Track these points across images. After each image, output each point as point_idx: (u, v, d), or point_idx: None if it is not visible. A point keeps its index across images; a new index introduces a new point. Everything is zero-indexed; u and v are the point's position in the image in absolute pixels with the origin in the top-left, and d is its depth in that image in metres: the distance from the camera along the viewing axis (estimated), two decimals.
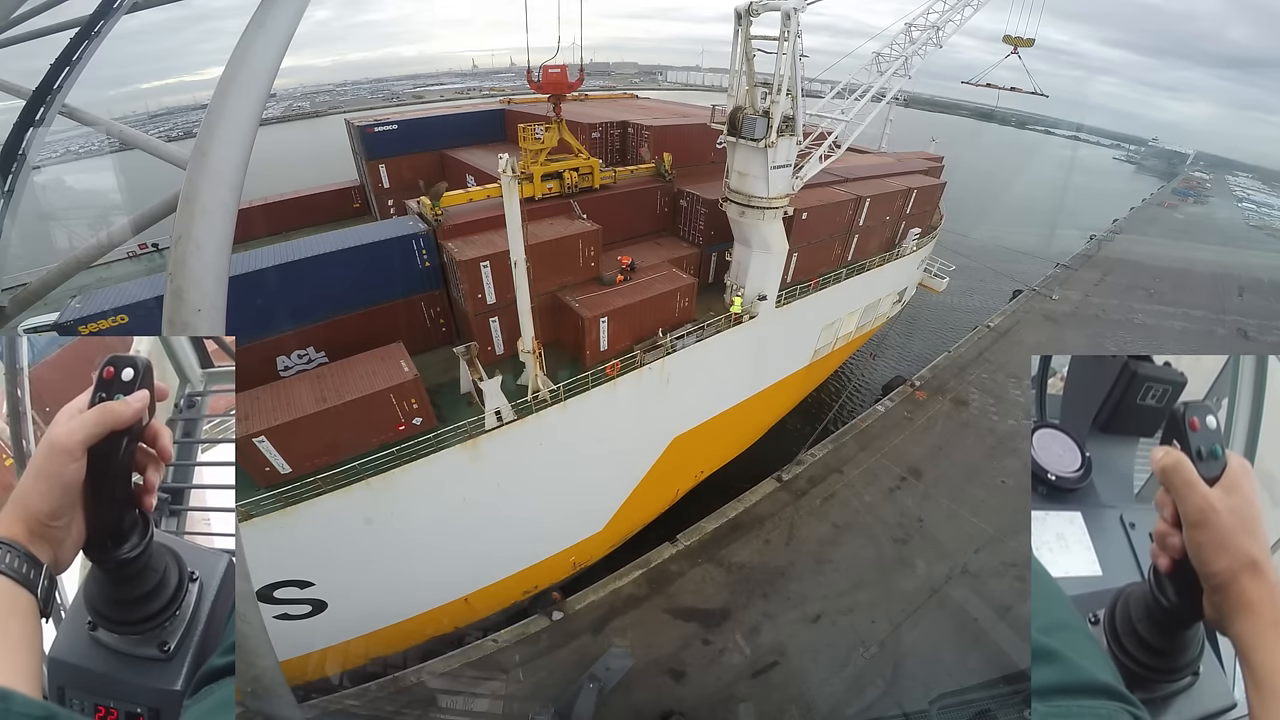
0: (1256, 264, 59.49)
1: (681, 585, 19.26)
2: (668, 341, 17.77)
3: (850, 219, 23.12)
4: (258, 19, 3.68)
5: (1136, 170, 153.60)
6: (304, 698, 15.10)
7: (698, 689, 16.13)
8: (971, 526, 21.66)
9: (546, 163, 18.57)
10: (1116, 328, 40.29)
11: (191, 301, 3.36)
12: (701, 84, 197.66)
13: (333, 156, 35.13)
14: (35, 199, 5.39)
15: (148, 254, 21.17)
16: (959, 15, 19.63)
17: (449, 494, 15.07)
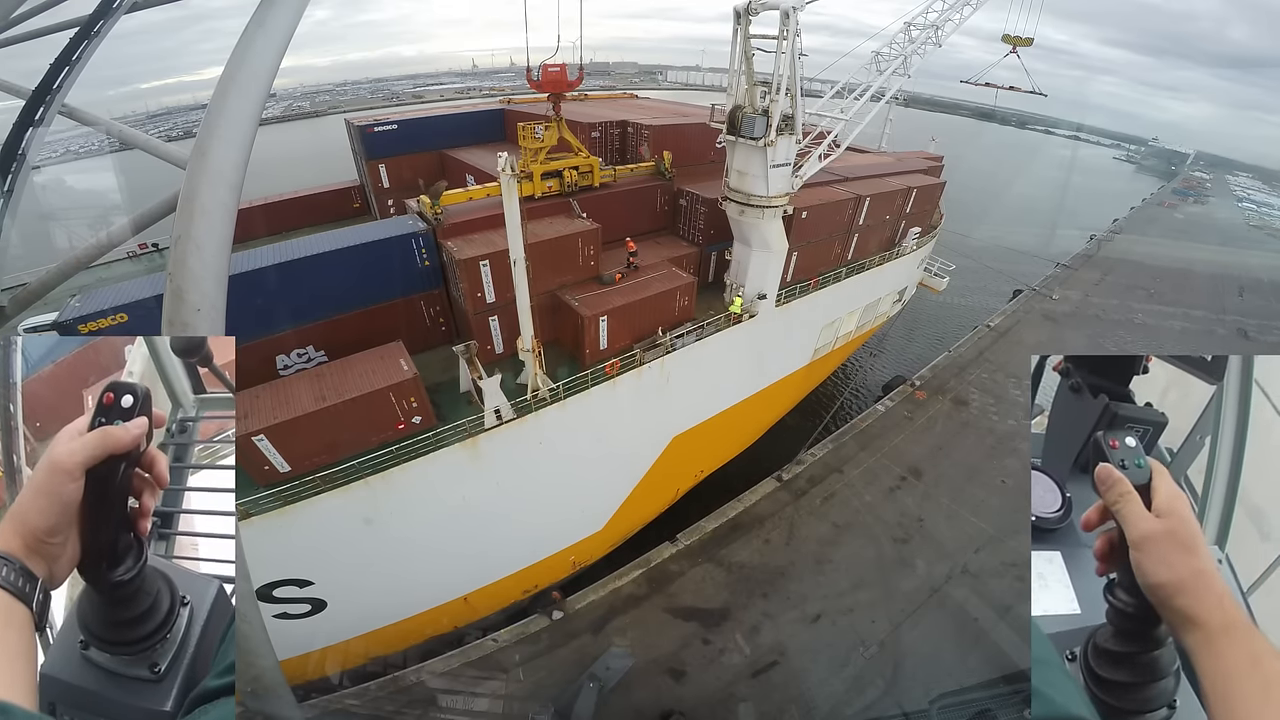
0: (1256, 264, 59.43)
1: (681, 585, 19.26)
2: (667, 340, 17.77)
3: (850, 218, 23.11)
4: (257, 18, 3.68)
5: (1136, 170, 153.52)
6: (304, 697, 15.10)
7: (698, 689, 16.13)
8: (971, 526, 21.66)
9: (546, 161, 18.55)
10: (1116, 327, 40.27)
11: (191, 301, 3.35)
12: (701, 83, 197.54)
13: (333, 156, 35.14)
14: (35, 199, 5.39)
15: (147, 254, 21.18)
16: (958, 14, 19.64)
17: (448, 493, 15.07)
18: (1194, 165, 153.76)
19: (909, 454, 25.40)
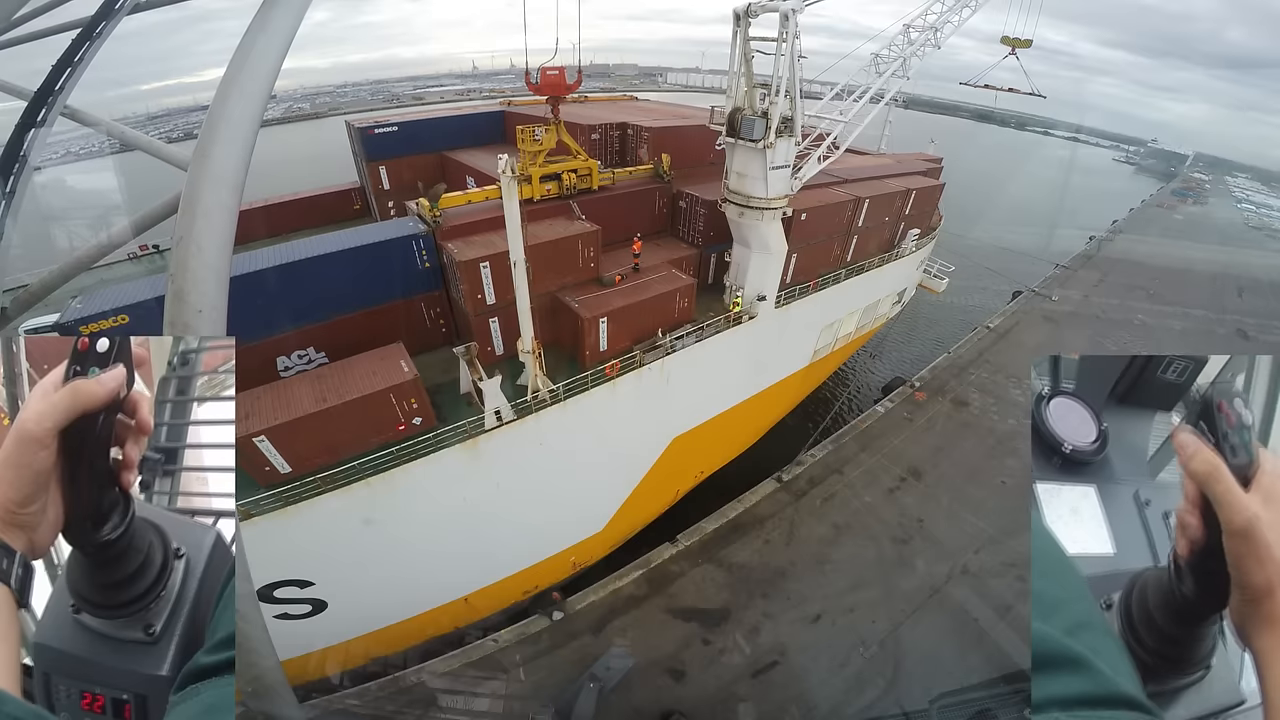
0: (1256, 264, 59.43)
1: (682, 585, 19.26)
2: (667, 342, 17.79)
3: (849, 220, 23.14)
4: (259, 20, 3.70)
5: (1135, 171, 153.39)
6: (304, 698, 15.11)
7: (698, 689, 16.13)
8: (971, 526, 21.66)
9: (545, 164, 18.59)
10: (1116, 328, 40.30)
11: (192, 302, 3.37)
12: (701, 85, 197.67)
13: (333, 158, 35.19)
14: (36, 200, 5.39)
15: (148, 255, 21.21)
16: (957, 16, 19.69)
17: (449, 494, 15.09)
18: (1193, 166, 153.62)
19: (909, 455, 25.41)
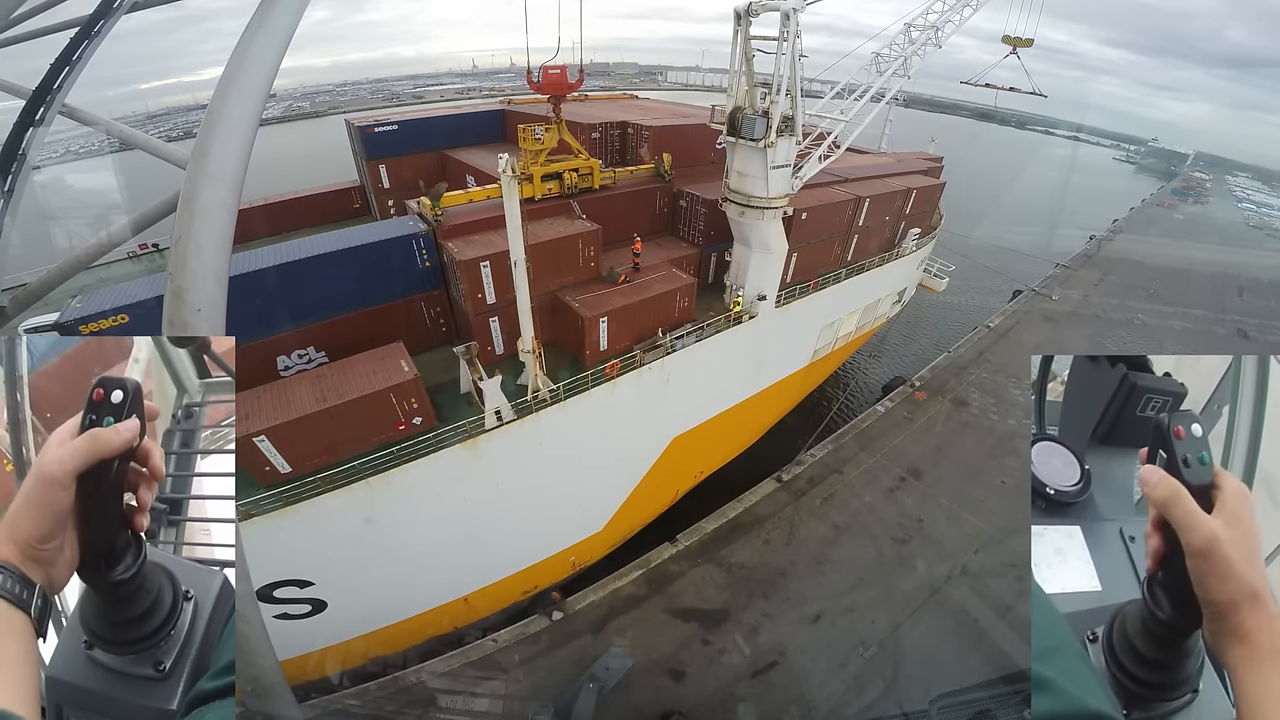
0: (1256, 264, 59.43)
1: (681, 585, 19.25)
2: (667, 341, 17.77)
3: (850, 219, 23.11)
4: (257, 19, 3.68)
5: (1136, 170, 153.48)
6: (304, 697, 15.10)
7: (698, 689, 16.12)
8: (971, 527, 21.65)
9: (546, 163, 18.56)
10: (1117, 327, 40.28)
11: (191, 301, 3.36)
12: (702, 84, 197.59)
13: (333, 157, 35.11)
14: (35, 199, 5.37)
15: (148, 254, 21.16)
16: (958, 15, 19.65)
17: (449, 494, 15.08)
18: (1193, 165, 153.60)
19: (909, 454, 25.39)
